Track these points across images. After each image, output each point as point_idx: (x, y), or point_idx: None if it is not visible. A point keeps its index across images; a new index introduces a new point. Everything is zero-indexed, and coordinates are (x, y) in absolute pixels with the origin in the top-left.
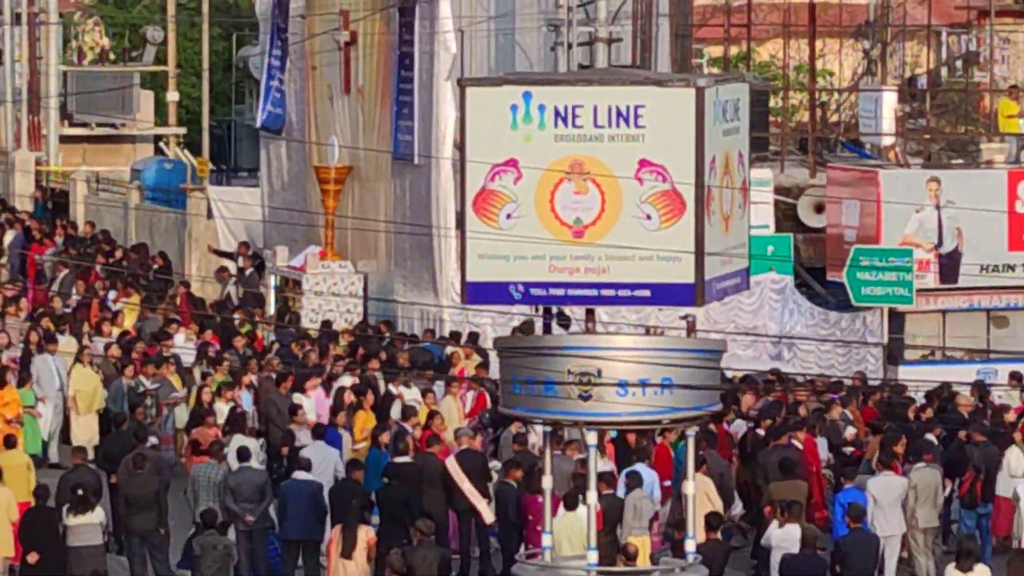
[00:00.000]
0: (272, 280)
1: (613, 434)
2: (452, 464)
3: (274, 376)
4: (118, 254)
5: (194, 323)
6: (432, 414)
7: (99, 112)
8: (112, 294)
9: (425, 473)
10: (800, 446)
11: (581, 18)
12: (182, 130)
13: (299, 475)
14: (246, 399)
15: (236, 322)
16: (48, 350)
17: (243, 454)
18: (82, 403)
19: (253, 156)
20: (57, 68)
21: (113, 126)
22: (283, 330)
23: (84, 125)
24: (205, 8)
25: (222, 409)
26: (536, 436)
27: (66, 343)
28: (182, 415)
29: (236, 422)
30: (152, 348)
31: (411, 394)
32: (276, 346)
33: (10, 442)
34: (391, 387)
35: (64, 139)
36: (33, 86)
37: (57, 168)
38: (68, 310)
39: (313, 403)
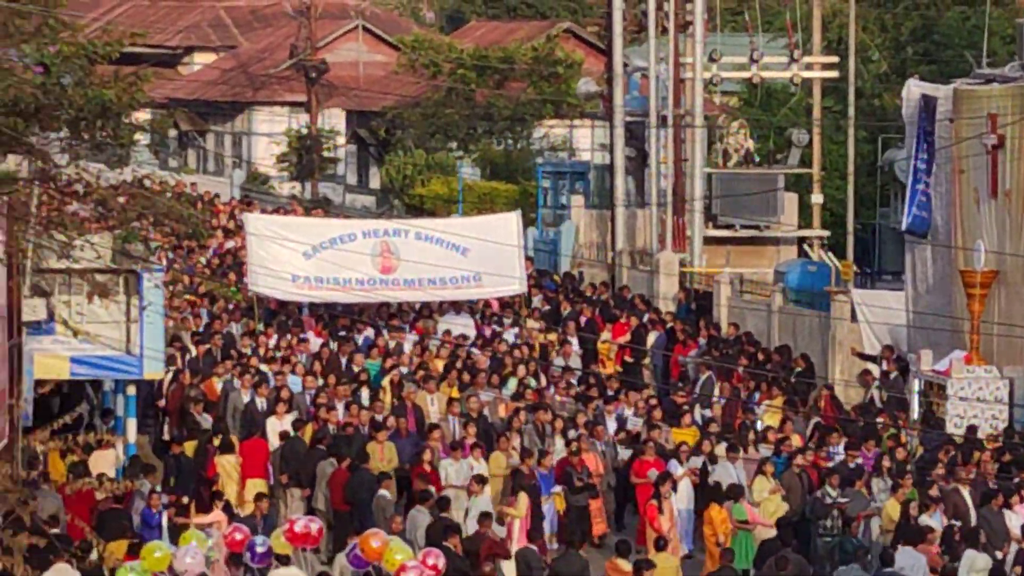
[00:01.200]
0: (916, 384)
1: None
2: None
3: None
4: (761, 356)
5: (832, 428)
6: None
7: (743, 214)
8: (755, 396)
9: None
10: None
11: None
12: (826, 233)
13: None
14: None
15: (879, 427)
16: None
17: None
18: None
19: (897, 259)
20: (702, 170)
21: (757, 228)
22: (928, 435)
23: (728, 227)
24: (851, 111)
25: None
26: None
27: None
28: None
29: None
30: (817, 456)
31: None
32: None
33: (660, 545)
34: None
35: (708, 241)
36: (678, 188)
37: (701, 269)
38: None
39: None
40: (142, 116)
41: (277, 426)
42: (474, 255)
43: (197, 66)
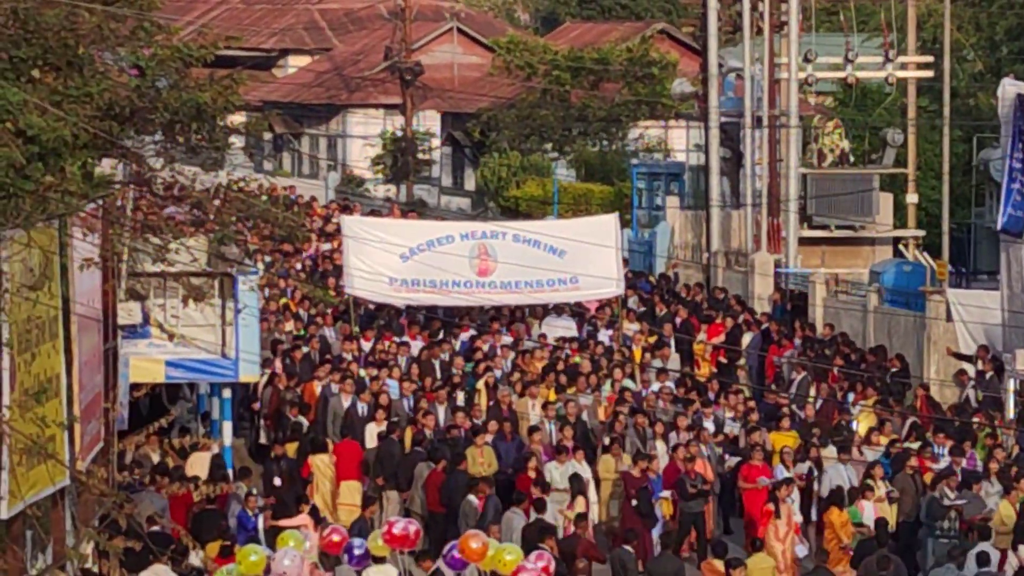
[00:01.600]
0: (1012, 384)
1: None
2: None
3: None
4: (856, 357)
5: (939, 429)
6: None
7: (838, 214)
8: (850, 396)
9: None
10: None
11: None
12: (921, 232)
13: None
14: None
15: (975, 426)
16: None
17: None
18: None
19: (993, 259)
20: (797, 171)
21: (852, 228)
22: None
23: (823, 227)
24: (946, 111)
25: None
26: None
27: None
28: None
29: None
30: (921, 458)
31: None
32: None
33: (756, 545)
34: None
35: (803, 241)
36: (773, 188)
37: (796, 270)
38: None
39: None
40: (237, 119)
41: (375, 431)
42: (571, 257)
43: (292, 69)
